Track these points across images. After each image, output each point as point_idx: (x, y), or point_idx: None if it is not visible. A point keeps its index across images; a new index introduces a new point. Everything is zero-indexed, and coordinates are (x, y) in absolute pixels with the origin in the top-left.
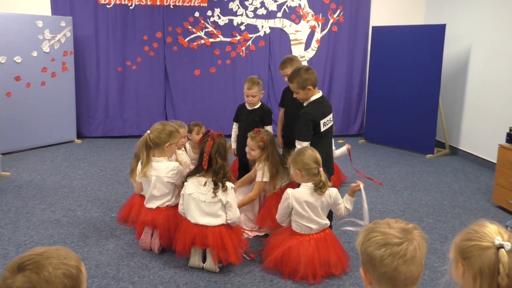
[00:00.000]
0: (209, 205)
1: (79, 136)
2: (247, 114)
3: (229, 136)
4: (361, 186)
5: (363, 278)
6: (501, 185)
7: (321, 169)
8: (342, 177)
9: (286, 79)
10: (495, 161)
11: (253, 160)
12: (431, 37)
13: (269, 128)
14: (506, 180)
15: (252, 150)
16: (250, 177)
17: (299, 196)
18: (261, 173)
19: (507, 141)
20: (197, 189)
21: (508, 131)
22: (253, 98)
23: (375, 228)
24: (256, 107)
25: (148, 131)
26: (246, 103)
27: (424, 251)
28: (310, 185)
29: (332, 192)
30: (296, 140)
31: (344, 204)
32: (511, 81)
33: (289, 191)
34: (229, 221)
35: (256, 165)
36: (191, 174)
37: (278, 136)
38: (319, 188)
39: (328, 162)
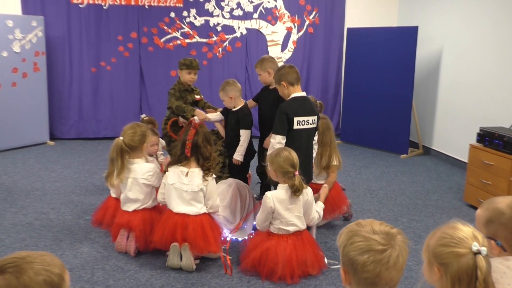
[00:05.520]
0: (191, 195)
1: (52, 137)
2: (229, 115)
3: None
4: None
5: (343, 278)
6: (472, 184)
7: (296, 172)
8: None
9: (259, 78)
10: (466, 161)
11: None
12: (404, 39)
13: (244, 132)
14: (476, 179)
15: None
16: None
17: (279, 197)
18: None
19: (478, 141)
20: (179, 179)
21: (478, 131)
22: (224, 101)
23: (358, 231)
24: (235, 109)
25: (121, 137)
26: None
27: (406, 256)
28: (286, 186)
29: (308, 190)
30: (271, 134)
31: (316, 208)
32: (482, 82)
33: (269, 194)
34: (210, 210)
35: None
36: (172, 163)
37: None
38: (293, 192)
39: (303, 167)
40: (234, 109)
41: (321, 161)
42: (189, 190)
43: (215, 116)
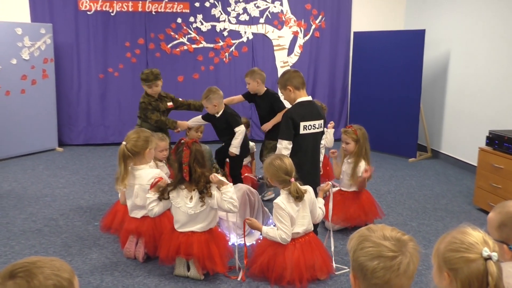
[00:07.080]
0: (198, 214)
1: (61, 144)
2: (215, 122)
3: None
4: (330, 186)
5: (352, 284)
6: (481, 188)
7: (292, 179)
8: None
9: (247, 86)
10: (475, 164)
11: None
12: (411, 42)
13: (239, 128)
14: (486, 183)
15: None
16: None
17: (287, 201)
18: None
19: (487, 144)
20: (185, 202)
21: (487, 134)
22: (207, 109)
23: (369, 236)
24: (219, 114)
25: (124, 142)
26: None
27: (417, 264)
28: (286, 191)
29: (309, 189)
30: (278, 139)
31: (318, 205)
32: (490, 85)
33: (278, 201)
34: (231, 206)
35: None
36: (173, 186)
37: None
38: (294, 199)
39: (310, 171)
40: (218, 115)
41: (355, 171)
42: (197, 211)
43: (194, 122)
